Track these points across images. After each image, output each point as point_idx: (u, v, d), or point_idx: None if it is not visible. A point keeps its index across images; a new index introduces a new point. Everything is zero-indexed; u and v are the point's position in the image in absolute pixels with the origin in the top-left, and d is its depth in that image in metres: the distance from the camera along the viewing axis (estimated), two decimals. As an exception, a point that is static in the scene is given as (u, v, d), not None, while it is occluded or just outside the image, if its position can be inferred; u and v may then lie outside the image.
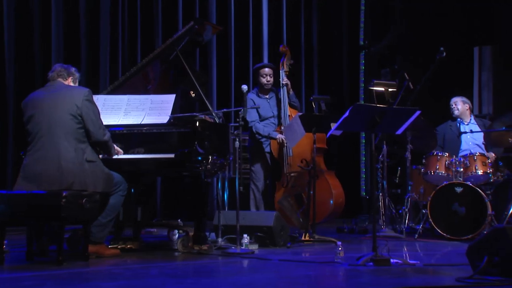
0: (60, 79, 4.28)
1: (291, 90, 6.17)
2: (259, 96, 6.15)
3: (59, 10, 6.92)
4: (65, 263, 3.91)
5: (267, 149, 6.09)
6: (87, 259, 4.08)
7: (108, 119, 4.46)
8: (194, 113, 4.78)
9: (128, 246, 4.68)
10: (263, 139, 6.07)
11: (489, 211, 5.31)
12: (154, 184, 7.12)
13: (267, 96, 6.18)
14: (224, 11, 7.92)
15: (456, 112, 6.21)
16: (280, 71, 6.19)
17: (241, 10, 8.05)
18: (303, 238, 5.22)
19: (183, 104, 5.09)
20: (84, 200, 3.98)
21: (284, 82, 6.09)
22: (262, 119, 6.10)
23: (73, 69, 4.37)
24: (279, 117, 6.13)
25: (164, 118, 4.69)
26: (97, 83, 6.88)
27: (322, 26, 8.62)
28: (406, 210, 5.79)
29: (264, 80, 6.10)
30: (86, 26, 7.09)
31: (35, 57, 6.81)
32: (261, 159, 6.11)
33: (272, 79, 6.11)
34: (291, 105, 6.15)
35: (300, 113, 5.66)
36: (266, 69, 6.13)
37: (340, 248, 4.11)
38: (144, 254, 4.54)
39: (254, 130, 6.05)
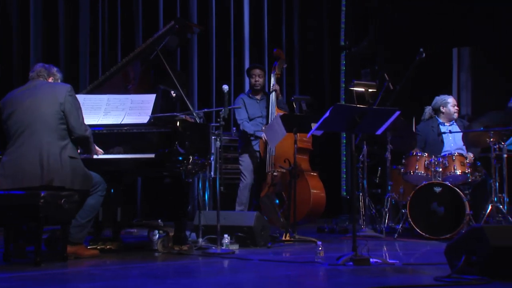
0: (40, 79, 4.25)
1: (280, 95, 6.28)
2: (250, 97, 6.29)
3: (37, 9, 6.85)
4: (43, 264, 3.87)
5: (256, 147, 6.16)
6: (66, 260, 4.04)
7: (87, 119, 4.42)
8: (175, 113, 4.76)
9: (108, 246, 4.65)
10: (252, 138, 6.15)
11: (467, 210, 5.36)
12: (135, 184, 7.08)
13: (258, 97, 6.31)
14: (205, 11, 7.91)
15: (456, 115, 6.15)
16: (272, 74, 6.26)
17: (222, 10, 8.04)
18: (283, 238, 5.23)
19: (163, 104, 5.06)
20: (62, 201, 3.94)
21: (273, 89, 6.18)
22: (250, 118, 6.20)
23: (54, 69, 4.35)
24: (267, 118, 6.19)
25: (144, 118, 4.66)
26: (76, 82, 6.81)
27: (303, 27, 8.65)
28: (386, 210, 5.83)
29: (253, 81, 6.28)
30: (65, 25, 7.03)
31: (14, 57, 6.73)
32: (249, 157, 6.18)
33: (261, 80, 6.25)
34: (279, 107, 6.20)
35: (281, 113, 5.69)
36: (256, 70, 6.30)
37: (320, 248, 4.12)
38: (123, 255, 4.51)
39: (241, 128, 6.16)
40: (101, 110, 4.75)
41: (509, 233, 3.40)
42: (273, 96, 6.18)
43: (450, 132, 6.04)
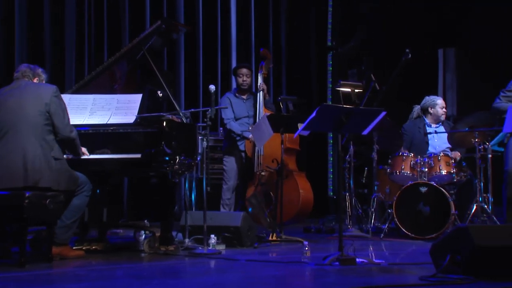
0: (25, 80, 4.22)
1: (267, 95, 6.26)
2: (236, 96, 6.25)
3: (22, 6, 6.79)
4: (28, 265, 3.84)
5: (241, 147, 6.13)
6: (51, 261, 4.01)
7: (73, 119, 4.40)
8: (161, 113, 4.75)
9: (93, 247, 4.62)
10: (237, 138, 6.12)
11: (453, 210, 5.39)
12: (121, 185, 7.05)
13: (244, 97, 6.26)
14: (192, 11, 7.89)
15: (443, 117, 6.17)
16: (259, 74, 6.25)
17: (209, 10, 8.03)
18: (270, 238, 5.23)
19: (150, 104, 5.05)
20: (47, 201, 3.92)
21: (261, 88, 6.16)
22: (236, 118, 6.17)
23: (40, 70, 4.32)
24: (254, 118, 6.17)
25: (130, 118, 4.64)
26: (62, 82, 6.76)
27: (290, 27, 8.66)
28: (372, 210, 5.86)
29: (240, 80, 6.21)
30: (50, 24, 6.98)
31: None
32: (234, 158, 6.16)
33: (248, 79, 6.21)
34: (267, 107, 6.19)
35: (268, 113, 5.69)
36: (243, 70, 6.24)
37: (306, 248, 4.12)
38: (109, 255, 4.49)
39: (228, 127, 6.11)
40: (87, 110, 4.72)
41: (493, 233, 3.44)
42: (260, 95, 6.17)
43: (436, 132, 6.07)
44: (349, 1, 8.78)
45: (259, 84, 6.21)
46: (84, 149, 4.42)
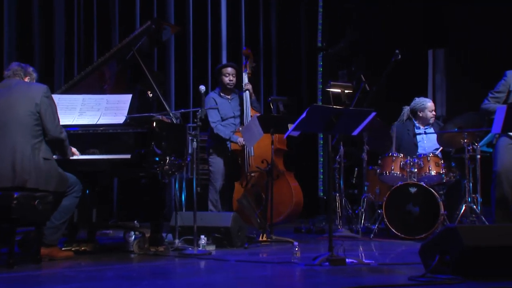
0: (17, 78, 4.20)
1: (253, 95, 6.19)
2: (220, 96, 6.15)
3: (11, 5, 6.75)
4: (16, 266, 3.82)
5: (228, 146, 6.09)
6: (40, 262, 3.99)
7: (62, 119, 4.37)
8: (151, 114, 4.74)
9: (83, 248, 4.59)
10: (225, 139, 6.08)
11: (442, 211, 5.42)
12: (111, 185, 7.02)
13: (229, 97, 6.17)
14: (182, 11, 7.88)
15: (432, 120, 6.16)
16: (243, 73, 6.20)
17: (200, 10, 8.02)
18: (260, 239, 5.23)
19: (140, 105, 5.03)
20: (36, 202, 3.89)
21: (246, 87, 6.10)
22: (222, 119, 6.10)
23: (31, 69, 4.31)
24: (241, 118, 6.13)
25: (120, 118, 4.63)
26: (51, 82, 6.73)
27: (280, 27, 8.66)
28: (362, 210, 5.87)
29: (226, 80, 6.08)
30: (40, 24, 6.94)
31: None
32: (220, 158, 6.11)
33: (234, 79, 6.11)
34: (253, 107, 6.16)
35: (258, 114, 5.69)
36: (229, 69, 6.12)
37: (296, 249, 4.13)
38: (99, 256, 4.47)
39: (215, 131, 6.03)
40: (76, 110, 4.70)
41: (482, 233, 3.46)
42: (247, 95, 6.12)
43: (426, 133, 6.09)
44: (339, 1, 8.79)
45: (244, 83, 6.16)
46: (74, 149, 4.40)
